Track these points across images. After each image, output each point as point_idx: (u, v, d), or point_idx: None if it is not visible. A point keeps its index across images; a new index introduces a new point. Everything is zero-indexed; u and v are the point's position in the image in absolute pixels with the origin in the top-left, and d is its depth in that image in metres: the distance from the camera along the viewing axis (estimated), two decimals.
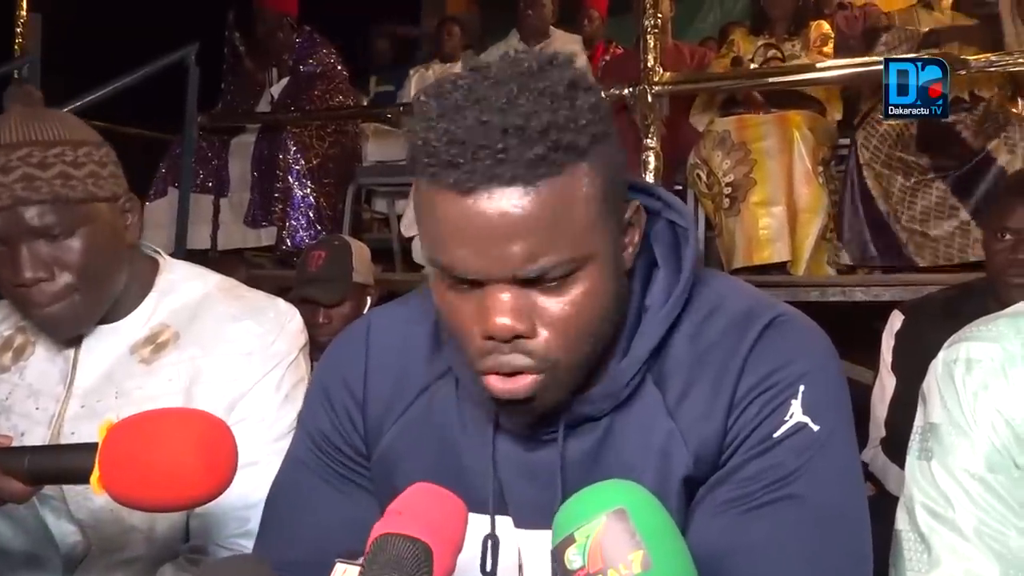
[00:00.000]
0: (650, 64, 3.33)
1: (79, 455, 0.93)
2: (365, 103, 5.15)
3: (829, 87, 3.61)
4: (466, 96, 0.75)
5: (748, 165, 3.35)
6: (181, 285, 1.26)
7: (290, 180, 4.25)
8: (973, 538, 0.90)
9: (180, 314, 1.23)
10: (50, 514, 1.17)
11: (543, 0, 4.76)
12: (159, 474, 0.89)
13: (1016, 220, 2.04)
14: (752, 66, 3.66)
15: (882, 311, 2.44)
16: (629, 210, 0.84)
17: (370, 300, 2.54)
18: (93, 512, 1.16)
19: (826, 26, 3.81)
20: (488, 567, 0.89)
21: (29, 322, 1.23)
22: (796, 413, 0.83)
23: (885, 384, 2.25)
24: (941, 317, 2.03)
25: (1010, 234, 2.05)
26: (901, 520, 0.97)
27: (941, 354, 0.99)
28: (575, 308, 0.79)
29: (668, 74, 3.41)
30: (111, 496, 0.91)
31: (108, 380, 1.20)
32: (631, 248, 0.85)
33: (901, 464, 1.05)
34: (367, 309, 2.49)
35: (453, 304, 0.81)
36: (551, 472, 0.86)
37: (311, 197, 4.26)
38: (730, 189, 3.36)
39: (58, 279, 1.12)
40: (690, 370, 0.85)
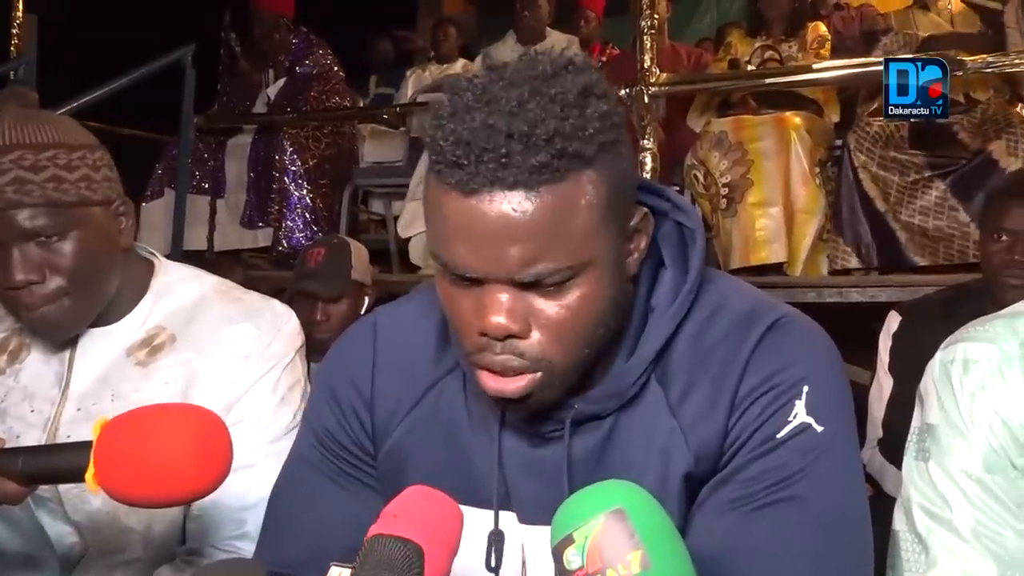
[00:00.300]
0: (647, 65, 3.33)
1: (73, 454, 0.93)
2: (362, 104, 5.14)
3: (826, 88, 3.61)
4: (478, 97, 0.75)
5: (745, 166, 3.35)
6: (177, 287, 1.26)
7: (286, 181, 4.24)
8: (970, 539, 0.90)
9: (176, 316, 1.23)
10: (46, 516, 1.17)
11: (539, 1, 4.76)
12: (155, 469, 0.89)
13: (1012, 221, 2.05)
14: (749, 68, 3.66)
15: (879, 312, 2.44)
16: (636, 217, 0.84)
17: (368, 300, 2.54)
18: (90, 514, 1.16)
19: (823, 27, 3.81)
20: (493, 563, 0.89)
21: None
22: (800, 414, 0.83)
23: (882, 385, 2.25)
24: (938, 318, 2.03)
25: (1006, 235, 2.05)
26: (898, 521, 0.97)
27: (938, 355, 0.99)
28: (571, 312, 0.79)
29: (665, 75, 3.41)
30: (107, 493, 0.91)
31: (104, 383, 1.20)
32: (636, 255, 0.85)
33: (898, 465, 1.05)
34: (364, 310, 2.49)
35: (454, 299, 0.82)
36: (556, 469, 0.87)
37: (308, 198, 4.25)
38: (727, 190, 3.36)
39: (49, 282, 1.12)
40: (693, 369, 0.86)
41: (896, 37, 3.57)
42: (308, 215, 4.24)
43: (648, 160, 3.24)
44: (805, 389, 0.83)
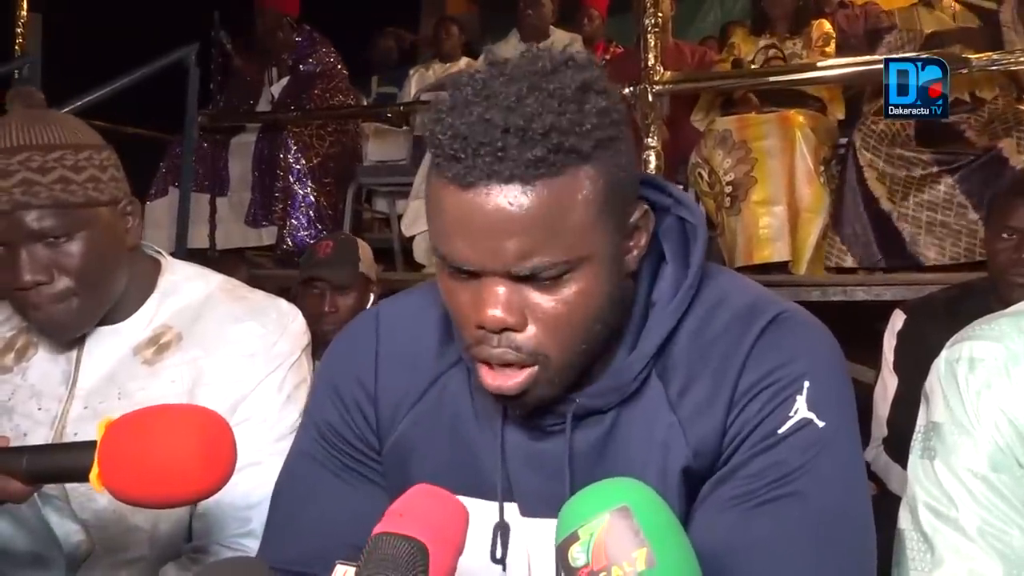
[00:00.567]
0: (651, 63, 3.32)
1: (78, 453, 0.93)
2: (365, 103, 5.15)
3: (831, 87, 3.60)
4: (477, 92, 0.76)
5: (749, 164, 3.35)
6: (183, 286, 1.26)
7: (291, 179, 4.25)
8: (976, 538, 0.90)
9: (183, 315, 1.24)
10: (53, 514, 1.17)
11: (543, 0, 4.76)
12: (159, 469, 0.89)
13: (1019, 219, 2.04)
14: (753, 67, 3.65)
15: (883, 310, 2.44)
16: (636, 213, 0.84)
17: (372, 297, 2.56)
18: (96, 512, 1.16)
19: (827, 25, 3.80)
20: (498, 555, 0.89)
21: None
22: (801, 409, 0.83)
23: (887, 383, 2.25)
24: (943, 316, 2.03)
25: (1013, 233, 2.04)
26: (904, 520, 0.97)
27: (944, 353, 0.98)
28: (567, 307, 0.79)
29: (669, 73, 3.40)
30: (111, 493, 0.91)
31: (111, 381, 1.20)
32: (636, 252, 0.85)
33: (903, 464, 1.05)
34: (369, 306, 2.50)
35: (453, 292, 0.82)
36: (558, 463, 0.87)
37: (312, 196, 4.26)
38: (731, 188, 3.36)
39: (57, 282, 1.12)
40: (693, 364, 0.86)
41: (900, 34, 3.56)
42: (312, 213, 4.25)
43: (652, 158, 3.23)
44: (806, 384, 0.83)
